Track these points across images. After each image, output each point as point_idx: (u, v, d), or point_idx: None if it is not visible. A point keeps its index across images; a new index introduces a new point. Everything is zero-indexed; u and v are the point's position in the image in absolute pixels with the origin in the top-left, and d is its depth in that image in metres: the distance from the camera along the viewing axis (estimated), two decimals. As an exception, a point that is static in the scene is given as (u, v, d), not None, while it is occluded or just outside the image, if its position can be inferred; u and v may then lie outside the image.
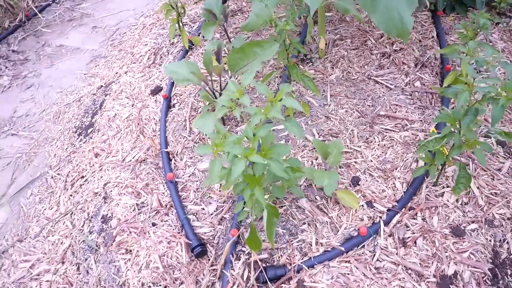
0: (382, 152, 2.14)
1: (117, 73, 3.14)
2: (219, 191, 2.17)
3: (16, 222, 2.57)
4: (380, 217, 1.91)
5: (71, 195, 2.53)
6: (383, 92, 2.41)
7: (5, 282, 2.29)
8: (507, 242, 1.80)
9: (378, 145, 2.17)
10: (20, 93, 3.38)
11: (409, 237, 1.85)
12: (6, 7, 3.80)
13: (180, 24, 2.87)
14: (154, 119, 2.62)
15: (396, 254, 1.81)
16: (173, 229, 2.08)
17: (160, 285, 1.95)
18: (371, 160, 2.11)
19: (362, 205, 1.96)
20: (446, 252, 1.80)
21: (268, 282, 1.81)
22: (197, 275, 1.97)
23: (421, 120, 2.24)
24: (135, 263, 2.03)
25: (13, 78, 3.52)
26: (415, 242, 1.84)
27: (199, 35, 3.11)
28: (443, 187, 1.97)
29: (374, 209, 1.94)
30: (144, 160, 2.40)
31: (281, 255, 1.88)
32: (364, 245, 1.86)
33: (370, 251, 1.84)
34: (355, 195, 1.90)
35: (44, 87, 3.39)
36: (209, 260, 1.99)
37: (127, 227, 2.13)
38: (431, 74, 2.49)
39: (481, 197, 1.92)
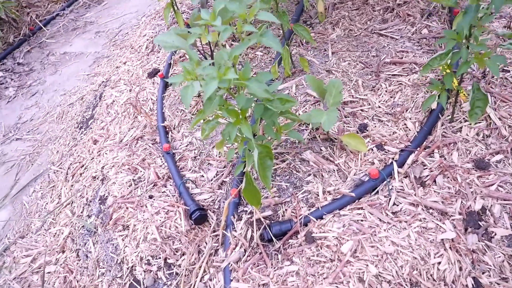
0: (391, 97, 1.95)
1: (117, 66, 3.09)
2: (218, 156, 2.02)
3: (18, 220, 2.48)
4: (393, 159, 1.72)
5: (71, 185, 2.43)
6: (388, 43, 2.25)
7: (6, 280, 2.18)
8: (541, 171, 1.58)
9: (386, 91, 1.99)
10: (25, 101, 3.37)
11: (427, 175, 1.64)
12: (9, 21, 3.86)
13: (175, 7, 2.81)
14: (151, 99, 2.52)
15: (414, 194, 1.60)
16: (170, 199, 1.94)
17: (160, 258, 1.79)
18: (378, 106, 1.93)
19: (372, 149, 1.77)
20: (470, 187, 1.58)
21: (274, 239, 1.63)
22: (199, 244, 1.80)
23: (431, 62, 2.06)
24: (133, 238, 1.89)
25: (19, 88, 3.53)
26: (435, 180, 1.63)
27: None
28: (460, 122, 1.77)
29: (385, 152, 1.75)
30: (141, 138, 2.29)
31: (286, 210, 1.69)
32: (377, 191, 1.66)
33: (384, 196, 1.64)
34: (361, 138, 1.71)
35: (48, 92, 3.38)
36: (210, 226, 1.83)
37: (123, 203, 2.00)
38: (439, 22, 2.31)
39: (504, 127, 1.70)
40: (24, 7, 4.14)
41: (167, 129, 2.25)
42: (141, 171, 2.11)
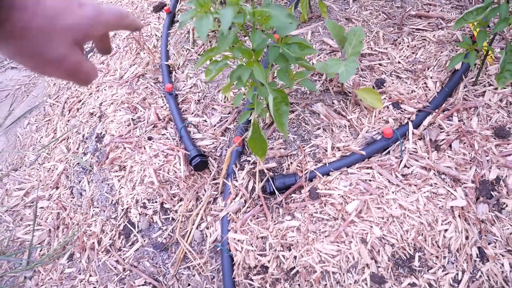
0: (412, 53, 1.83)
1: (120, -1, 2.91)
2: (224, 101, 1.91)
3: (11, 152, 2.40)
4: (409, 119, 1.62)
5: (68, 120, 2.34)
6: (414, -7, 2.08)
7: (-2, 211, 2.13)
8: None
9: (408, 46, 1.85)
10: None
11: (443, 139, 1.55)
12: None
13: None
14: (155, 35, 2.37)
15: (428, 158, 1.52)
16: (170, 142, 1.85)
17: (156, 202, 1.73)
18: (398, 62, 1.80)
19: (387, 107, 1.66)
20: (487, 155, 1.49)
21: (276, 192, 1.56)
22: (197, 191, 1.74)
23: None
24: (129, 179, 1.82)
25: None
26: (450, 146, 1.54)
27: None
28: (484, 86, 1.66)
29: (402, 111, 1.65)
30: (142, 75, 2.17)
31: (291, 163, 1.62)
32: (389, 151, 1.58)
33: (396, 157, 1.55)
34: (378, 93, 1.60)
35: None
36: (210, 174, 1.75)
37: (121, 143, 1.91)
38: (470, -25, 2.14)
39: (531, 95, 1.59)
40: None
41: (171, 69, 2.13)
42: (141, 111, 2.01)
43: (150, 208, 1.73)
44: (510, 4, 1.33)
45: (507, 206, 1.42)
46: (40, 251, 1.90)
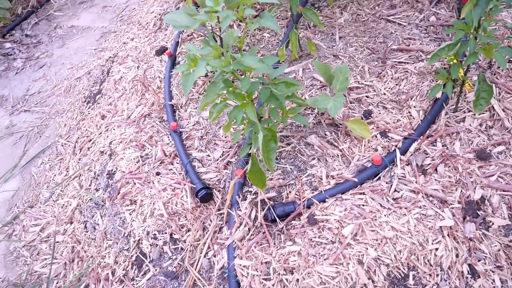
0: (396, 84, 1.98)
1: (124, 42, 3.10)
2: (225, 137, 2.06)
3: (27, 190, 2.54)
4: (396, 146, 1.76)
5: (79, 159, 2.48)
6: (395, 29, 2.26)
7: (16, 247, 2.25)
8: (541, 164, 1.62)
9: (391, 78, 2.01)
10: (33, 73, 3.39)
11: (429, 164, 1.69)
12: (18, -8, 3.85)
13: (184, -16, 2.80)
14: (159, 77, 2.54)
15: (415, 182, 1.65)
16: (177, 176, 1.99)
17: (166, 233, 1.86)
18: (384, 93, 1.96)
19: (376, 136, 1.81)
20: (471, 177, 1.62)
21: (277, 219, 1.68)
22: (204, 221, 1.87)
23: (439, 51, 2.07)
24: (140, 212, 1.95)
25: (27, 60, 3.54)
26: (436, 169, 1.67)
27: (204, -1, 3.04)
28: (464, 112, 1.80)
29: (389, 139, 1.79)
30: (148, 115, 2.33)
31: (289, 192, 1.75)
32: (379, 177, 1.71)
33: (386, 182, 1.68)
34: (366, 124, 1.74)
35: (56, 65, 3.39)
36: (215, 205, 1.88)
37: (131, 178, 2.05)
38: (447, 10, 2.31)
39: (507, 119, 1.73)
40: (32, -22, 4.11)
41: (175, 108, 2.29)
42: (148, 148, 2.15)
43: (160, 239, 1.85)
44: (477, 39, 1.48)
45: (493, 224, 1.54)
46: (57, 283, 2.01)
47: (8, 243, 2.28)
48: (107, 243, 1.99)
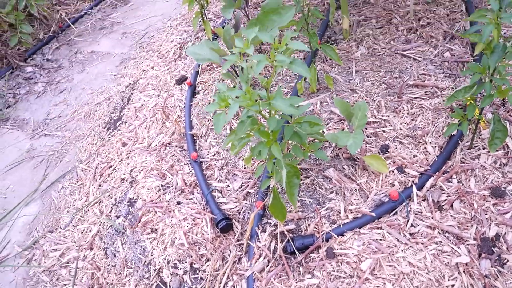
0: (412, 120, 2.04)
1: (144, 70, 3.20)
2: (244, 167, 2.12)
3: (47, 214, 2.60)
4: (412, 181, 1.80)
5: (99, 185, 2.55)
6: (411, 64, 2.32)
7: (36, 271, 2.31)
8: (555, 202, 1.66)
9: (407, 113, 2.07)
10: (54, 97, 3.50)
11: (445, 200, 1.73)
12: (41, 18, 3.98)
13: (204, 16, 2.91)
14: (179, 106, 2.62)
15: (432, 218, 1.69)
16: (198, 206, 2.04)
17: (186, 262, 1.90)
18: (400, 128, 2.01)
19: (393, 171, 1.86)
20: (486, 214, 1.66)
21: (296, 252, 1.73)
22: (223, 251, 1.91)
23: (452, 88, 2.13)
24: (161, 241, 2.00)
25: (47, 84, 3.65)
26: (452, 205, 1.72)
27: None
28: (479, 149, 1.85)
29: (406, 174, 1.84)
30: (169, 144, 2.40)
31: (308, 225, 1.80)
32: (396, 211, 1.76)
33: (403, 217, 1.73)
34: (383, 159, 1.80)
35: (76, 90, 3.50)
36: (235, 235, 1.93)
37: (152, 207, 2.11)
38: (461, 45, 2.38)
39: (522, 157, 1.78)
40: (54, 4, 4.26)
41: (195, 137, 2.36)
42: (169, 177, 2.22)
43: (180, 268, 1.89)
44: (493, 82, 1.54)
45: (508, 261, 1.57)
46: (78, 310, 2.05)
47: (28, 268, 2.34)
48: (127, 270, 2.04)
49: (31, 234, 2.54)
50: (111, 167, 2.58)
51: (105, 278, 2.11)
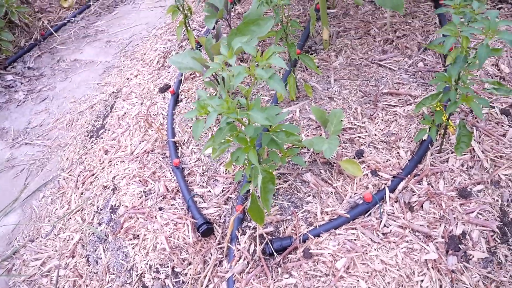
0: (386, 126, 2.13)
1: (128, 78, 3.24)
2: (225, 173, 2.18)
3: (27, 224, 2.61)
4: (385, 184, 1.89)
5: (82, 193, 2.57)
6: (386, 73, 2.43)
7: (16, 281, 2.30)
8: (518, 202, 1.76)
9: (382, 120, 2.16)
10: (35, 106, 3.50)
11: (415, 201, 1.82)
12: (22, 26, 3.99)
13: (187, 26, 2.97)
14: (162, 114, 2.67)
15: (403, 218, 1.78)
16: (179, 212, 2.09)
17: (168, 266, 1.94)
18: (375, 134, 2.10)
19: (367, 174, 1.94)
20: (453, 213, 1.76)
21: (274, 253, 1.79)
22: (205, 255, 1.96)
23: (424, 96, 2.24)
24: (143, 247, 2.04)
25: (28, 92, 3.66)
26: (422, 206, 1.81)
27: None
28: (448, 153, 1.95)
29: (379, 177, 1.92)
30: (151, 151, 2.44)
31: (286, 227, 1.86)
32: (370, 213, 1.84)
33: (376, 218, 1.81)
34: (358, 164, 1.88)
35: (58, 98, 3.51)
36: (216, 239, 1.98)
37: (134, 213, 2.15)
38: (434, 56, 2.50)
39: (486, 160, 1.88)
40: (36, 12, 4.27)
41: (177, 145, 2.41)
42: (151, 184, 2.26)
43: (162, 273, 1.93)
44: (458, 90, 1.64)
45: (473, 257, 1.66)
46: (60, 316, 2.07)
47: (8, 278, 2.33)
48: (109, 277, 2.06)
49: (11, 244, 2.53)
50: (93, 175, 2.60)
51: (87, 285, 2.13)
